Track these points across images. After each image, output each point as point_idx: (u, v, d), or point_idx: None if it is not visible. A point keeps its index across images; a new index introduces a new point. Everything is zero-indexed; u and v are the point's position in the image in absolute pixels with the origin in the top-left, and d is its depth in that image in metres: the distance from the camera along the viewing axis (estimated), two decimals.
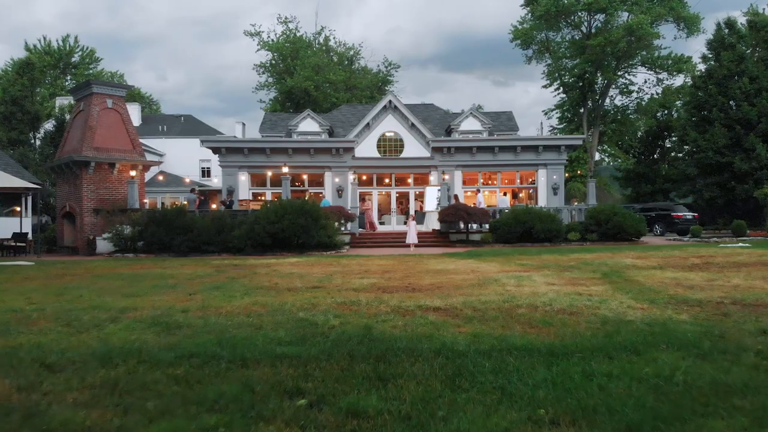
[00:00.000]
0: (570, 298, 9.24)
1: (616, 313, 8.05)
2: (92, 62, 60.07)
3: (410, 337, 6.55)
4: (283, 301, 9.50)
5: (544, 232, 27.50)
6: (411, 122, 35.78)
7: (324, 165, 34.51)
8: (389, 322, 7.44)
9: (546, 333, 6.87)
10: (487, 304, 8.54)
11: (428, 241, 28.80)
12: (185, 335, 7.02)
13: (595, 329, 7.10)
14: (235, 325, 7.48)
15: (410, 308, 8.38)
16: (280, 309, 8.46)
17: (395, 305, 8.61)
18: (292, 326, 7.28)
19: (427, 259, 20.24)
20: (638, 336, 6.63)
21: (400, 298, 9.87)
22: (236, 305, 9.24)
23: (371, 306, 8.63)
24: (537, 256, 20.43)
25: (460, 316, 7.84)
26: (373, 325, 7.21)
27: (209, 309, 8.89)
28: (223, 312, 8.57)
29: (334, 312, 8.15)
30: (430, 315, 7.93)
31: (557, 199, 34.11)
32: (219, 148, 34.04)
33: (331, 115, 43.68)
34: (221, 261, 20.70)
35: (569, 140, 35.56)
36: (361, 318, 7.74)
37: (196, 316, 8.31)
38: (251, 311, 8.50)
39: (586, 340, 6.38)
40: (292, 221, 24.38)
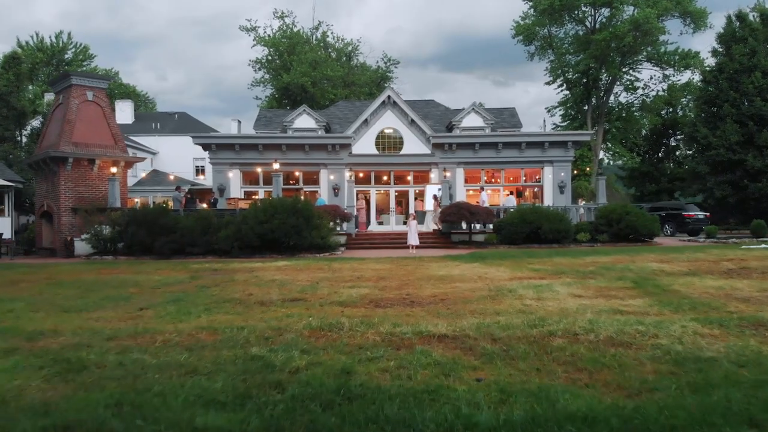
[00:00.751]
0: (613, 320, 7.02)
1: (686, 345, 5.85)
2: (86, 59, 57.78)
3: (406, 393, 4.36)
4: (245, 323, 7.30)
5: (552, 232, 25.26)
6: (411, 118, 33.60)
7: (319, 162, 32.32)
8: (377, 363, 5.25)
9: (603, 383, 4.68)
10: (510, 331, 6.32)
11: (429, 242, 26.57)
12: (82, 384, 4.85)
13: (670, 375, 4.91)
14: (162, 366, 5.28)
15: (407, 336, 6.17)
16: (233, 338, 6.24)
17: (387, 331, 6.40)
18: (238, 370, 5.09)
19: (428, 262, 18.04)
20: (741, 390, 4.43)
21: (394, 317, 7.69)
22: (184, 328, 7.05)
23: (356, 332, 6.42)
24: (549, 260, 18.23)
25: (475, 350, 5.64)
26: (354, 369, 5.03)
27: (145, 335, 6.70)
28: (159, 340, 6.38)
29: (304, 343, 5.93)
30: (434, 349, 5.74)
31: (564, 198, 31.89)
32: (209, 145, 31.84)
33: (328, 111, 41.46)
34: (201, 264, 18.50)
35: (576, 136, 33.33)
36: (339, 353, 5.56)
37: (119, 347, 6.12)
38: (196, 340, 6.30)
39: (670, 400, 4.18)
40: (282, 221, 22.16)
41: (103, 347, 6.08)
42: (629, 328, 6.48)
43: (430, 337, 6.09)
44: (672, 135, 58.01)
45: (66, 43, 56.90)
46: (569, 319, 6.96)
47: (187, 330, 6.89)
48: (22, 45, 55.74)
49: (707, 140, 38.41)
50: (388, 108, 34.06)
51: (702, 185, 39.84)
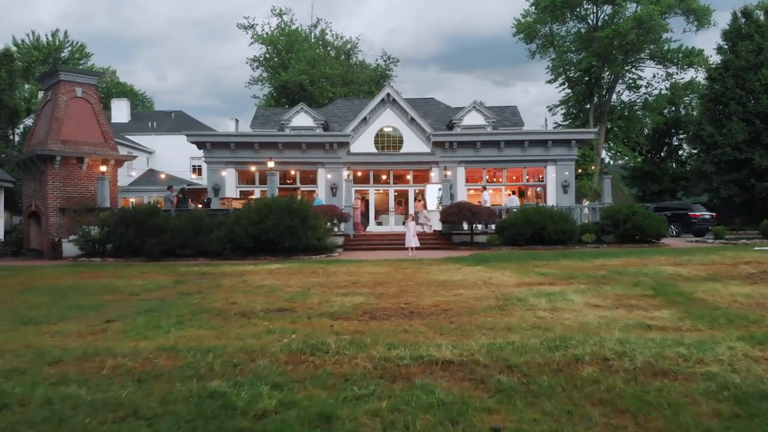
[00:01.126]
0: (647, 340, 5.92)
1: (742, 375, 4.77)
2: (82, 57, 56.67)
3: None
4: (216, 342, 6.22)
5: (556, 233, 24.18)
6: (410, 116, 32.52)
7: (317, 161, 31.23)
8: (366, 403, 4.17)
9: None
10: (527, 355, 5.24)
11: (429, 243, 25.49)
12: None
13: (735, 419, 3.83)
14: (97, 406, 4.22)
15: (404, 362, 5.09)
16: (195, 364, 5.15)
17: (381, 355, 5.31)
18: (190, 412, 4.02)
19: (428, 265, 16.97)
20: None
21: (391, 333, 6.63)
22: (144, 349, 5.98)
23: (343, 356, 5.34)
24: (555, 262, 17.16)
25: (487, 383, 4.56)
26: (336, 412, 3.95)
27: (95, 358, 5.64)
28: (109, 366, 5.32)
29: (278, 373, 4.84)
30: (438, 381, 4.66)
31: (568, 198, 30.80)
32: (204, 143, 30.74)
33: (326, 109, 40.37)
34: (190, 267, 17.43)
35: (580, 134, 32.21)
36: (320, 388, 4.48)
37: (58, 374, 5.05)
38: (152, 366, 5.23)
39: None
40: (276, 222, 21.09)
41: (39, 375, 5.01)
42: (668, 351, 5.40)
43: (432, 363, 5.01)
44: (675, 134, 56.96)
45: (62, 42, 55.81)
46: (594, 339, 5.88)
47: (146, 351, 5.82)
48: (18, 43, 54.69)
49: (713, 139, 37.32)
50: (388, 106, 33.00)
51: (708, 185, 38.73)
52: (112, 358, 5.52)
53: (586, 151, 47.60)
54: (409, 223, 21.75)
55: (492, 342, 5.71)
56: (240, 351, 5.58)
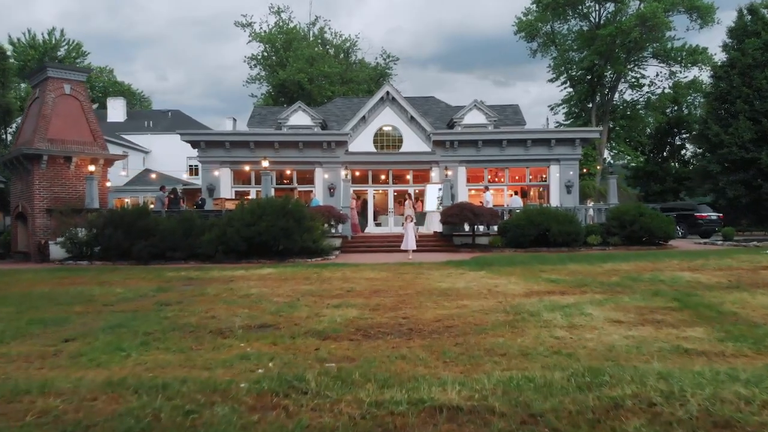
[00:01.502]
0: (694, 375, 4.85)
1: None
2: (79, 56, 55.58)
3: None
4: (178, 373, 5.17)
5: (561, 235, 23.16)
6: (410, 115, 31.48)
7: (314, 160, 30.17)
8: None
9: None
10: (553, 397, 4.17)
11: (429, 245, 24.45)
12: None
13: None
14: None
15: (400, 408, 4.03)
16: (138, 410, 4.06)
17: (372, 399, 4.23)
18: None
19: (428, 270, 15.94)
20: None
21: (385, 360, 5.60)
22: (89, 381, 4.95)
23: (325, 399, 4.27)
24: (563, 266, 16.12)
25: None
26: None
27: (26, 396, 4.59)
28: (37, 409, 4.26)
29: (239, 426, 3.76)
30: None
31: (571, 198, 29.74)
32: (198, 142, 29.69)
33: (324, 108, 39.32)
34: (178, 272, 16.38)
35: (585, 133, 31.13)
36: None
37: None
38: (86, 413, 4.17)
39: None
40: (270, 224, 20.07)
41: None
42: (725, 390, 4.35)
43: (435, 410, 3.94)
44: (677, 134, 55.86)
45: (59, 40, 54.77)
46: (630, 371, 4.82)
47: (89, 387, 4.77)
48: (14, 42, 53.64)
49: (719, 138, 36.25)
50: (387, 104, 31.96)
51: (713, 185, 37.64)
52: (44, 398, 4.47)
53: (588, 151, 46.55)
54: (407, 225, 20.65)
55: (508, 377, 4.65)
56: (201, 388, 4.52)
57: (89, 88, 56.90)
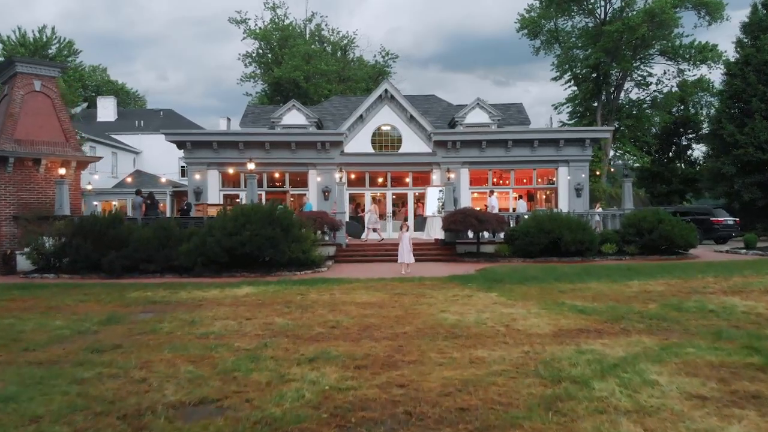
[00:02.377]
0: None
1: None
2: (70, 54, 53.09)
3: None
4: None
5: (574, 243, 20.86)
6: (410, 114, 29.17)
7: (307, 162, 27.85)
8: None
9: None
10: None
11: (430, 254, 22.16)
12: None
13: None
14: None
15: None
16: None
17: None
18: None
19: (430, 288, 13.67)
20: None
21: None
22: None
23: None
24: (583, 285, 13.85)
25: None
26: None
27: None
28: None
29: None
30: None
31: (581, 202, 27.44)
32: (183, 142, 27.37)
33: (320, 107, 36.99)
34: (144, 292, 14.06)
35: (595, 132, 28.79)
36: None
37: None
38: None
39: None
40: (255, 233, 17.74)
41: None
42: None
43: None
44: (683, 134, 53.58)
45: (49, 38, 52.20)
46: None
47: None
48: (4, 40, 51.21)
49: (733, 138, 33.90)
50: (386, 103, 29.65)
51: (728, 187, 35.25)
52: None
53: (594, 151, 44.17)
54: (402, 234, 18.07)
55: None
56: None
57: (81, 87, 54.62)
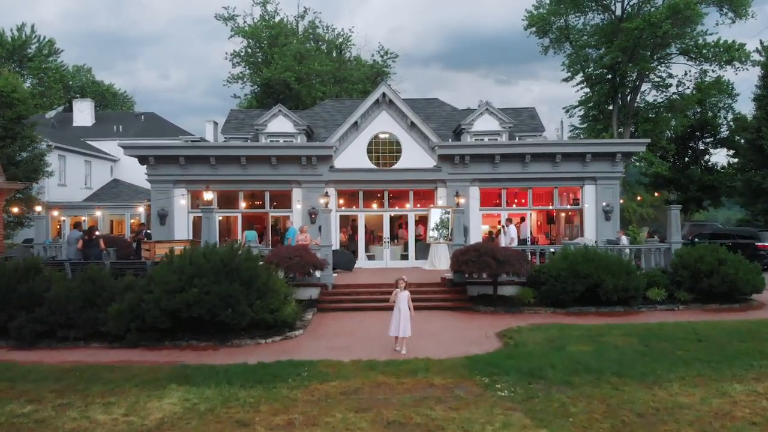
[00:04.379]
0: None
1: None
2: (51, 54, 48.27)
3: None
4: None
5: (616, 291, 15.96)
6: (410, 121, 24.24)
7: (291, 179, 22.90)
8: None
9: None
10: None
11: (435, 300, 17.24)
12: None
13: None
14: None
15: None
16: None
17: None
18: None
19: (441, 408, 8.77)
20: None
21: None
22: None
23: None
24: (667, 396, 9.00)
25: None
26: None
27: None
28: None
29: None
30: None
31: (610, 226, 22.51)
32: (146, 157, 22.49)
33: (311, 112, 31.98)
34: (24, 385, 9.17)
35: (628, 146, 23.70)
36: None
37: None
38: None
39: None
40: (206, 289, 12.83)
41: None
42: None
43: None
44: (701, 138, 48.57)
45: (29, 37, 47.36)
46: None
47: None
48: None
49: None
50: (383, 108, 24.69)
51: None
52: None
53: None
54: (398, 295, 12.75)
55: None
56: None
57: (62, 88, 49.57)
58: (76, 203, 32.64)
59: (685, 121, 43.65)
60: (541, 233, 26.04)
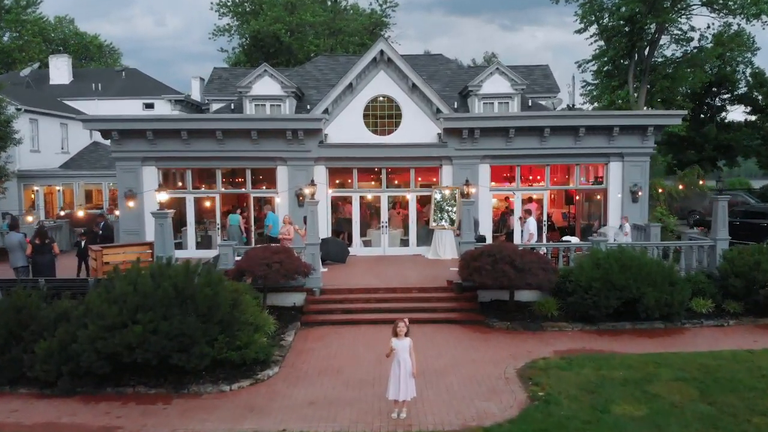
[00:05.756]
0: None
1: None
2: (29, 5, 43.70)
3: None
4: None
5: (658, 307, 12.93)
6: (412, 82, 20.68)
7: (275, 156, 19.54)
8: None
9: None
10: None
11: (439, 309, 14.27)
12: None
13: None
14: None
15: None
16: None
17: None
18: None
19: None
20: None
21: None
22: None
23: None
24: None
25: None
26: None
27: None
28: None
29: None
30: None
31: (638, 208, 19.32)
32: (108, 131, 19.07)
33: (302, 70, 28.13)
34: None
35: (664, 118, 20.15)
36: None
37: None
38: None
39: None
40: (152, 327, 9.81)
41: None
42: None
43: None
44: (717, 94, 44.57)
45: None
46: None
47: None
48: None
49: None
50: (381, 67, 21.12)
51: None
52: None
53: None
54: (396, 347, 9.52)
55: None
56: None
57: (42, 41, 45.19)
58: (50, 171, 29.28)
59: (703, 77, 39.56)
60: (555, 209, 22.90)
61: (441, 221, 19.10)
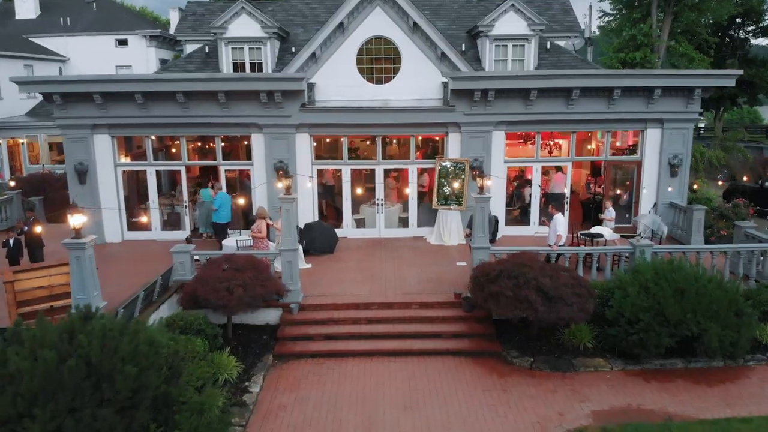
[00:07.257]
0: None
1: None
2: None
3: None
4: None
5: (723, 347, 9.79)
6: (413, 21, 16.54)
7: (249, 122, 15.67)
8: None
9: None
10: None
11: (445, 334, 11.18)
12: None
13: None
14: None
15: None
16: None
17: None
18: None
19: None
20: None
21: None
22: None
23: None
24: None
25: None
26: None
27: None
28: None
29: None
30: None
31: (677, 183, 15.76)
32: (50, 95, 15.12)
33: (287, 5, 23.42)
34: None
35: (716, 78, 16.04)
36: None
37: None
38: None
39: None
40: (54, 426, 6.65)
41: None
42: None
43: None
44: (741, 26, 39.44)
45: None
46: None
47: None
48: None
49: None
50: (377, 4, 17.01)
51: None
52: None
53: (646, 54, 30.87)
54: None
55: None
56: None
57: None
58: (14, 121, 25.29)
59: (731, 8, 34.48)
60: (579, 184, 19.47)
61: (446, 202, 15.61)
